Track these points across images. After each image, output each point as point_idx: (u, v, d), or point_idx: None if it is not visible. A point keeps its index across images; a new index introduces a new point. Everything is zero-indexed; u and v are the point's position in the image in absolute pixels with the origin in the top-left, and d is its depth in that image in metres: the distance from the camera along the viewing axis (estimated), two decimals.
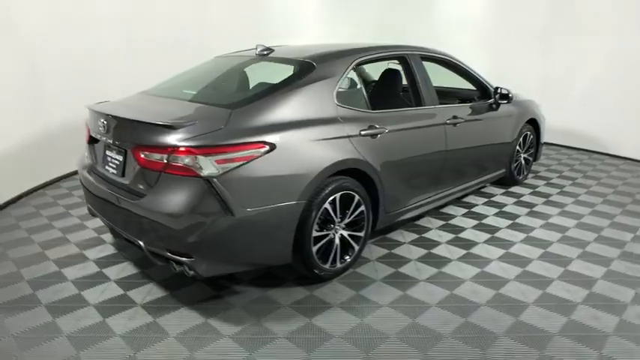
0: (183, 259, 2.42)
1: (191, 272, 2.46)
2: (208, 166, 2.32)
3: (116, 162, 2.73)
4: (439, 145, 3.59)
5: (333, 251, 2.89)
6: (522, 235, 3.65)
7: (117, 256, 3.24)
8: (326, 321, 2.53)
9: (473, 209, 4.21)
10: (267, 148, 2.47)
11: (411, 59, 3.57)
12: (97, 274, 3.01)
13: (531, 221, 3.95)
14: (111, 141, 2.71)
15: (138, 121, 2.51)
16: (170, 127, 2.39)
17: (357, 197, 2.95)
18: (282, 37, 5.68)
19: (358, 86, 3.20)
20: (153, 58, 5.47)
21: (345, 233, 2.97)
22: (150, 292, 2.81)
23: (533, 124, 4.91)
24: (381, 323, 2.51)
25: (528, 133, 4.82)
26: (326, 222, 2.84)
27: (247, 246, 2.52)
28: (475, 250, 3.38)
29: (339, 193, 2.83)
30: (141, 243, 2.56)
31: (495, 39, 7.09)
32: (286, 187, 2.55)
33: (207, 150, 2.33)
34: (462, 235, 3.65)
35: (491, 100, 4.21)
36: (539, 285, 2.91)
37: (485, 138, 4.18)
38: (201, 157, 2.32)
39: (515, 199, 4.48)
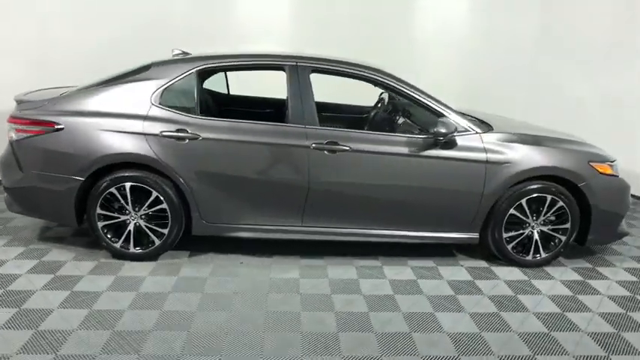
0: (6, 196, 3.36)
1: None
2: (12, 132, 3.16)
3: None
4: (294, 171, 3.15)
5: (125, 235, 3.20)
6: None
7: None
8: None
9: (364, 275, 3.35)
10: (55, 127, 3.07)
11: (290, 71, 3.22)
12: None
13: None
14: None
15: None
16: (16, 102, 3.31)
17: (154, 193, 3.12)
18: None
19: (194, 92, 3.21)
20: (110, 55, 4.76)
21: (143, 224, 3.20)
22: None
23: (571, 185, 3.30)
24: None
25: (548, 195, 3.28)
26: (122, 207, 3.18)
27: (38, 200, 3.21)
28: None
29: (130, 183, 3.11)
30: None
31: None
32: (66, 162, 3.08)
33: (13, 120, 3.15)
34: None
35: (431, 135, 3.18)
36: None
37: (415, 180, 3.22)
38: (8, 125, 3.16)
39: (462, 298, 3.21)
